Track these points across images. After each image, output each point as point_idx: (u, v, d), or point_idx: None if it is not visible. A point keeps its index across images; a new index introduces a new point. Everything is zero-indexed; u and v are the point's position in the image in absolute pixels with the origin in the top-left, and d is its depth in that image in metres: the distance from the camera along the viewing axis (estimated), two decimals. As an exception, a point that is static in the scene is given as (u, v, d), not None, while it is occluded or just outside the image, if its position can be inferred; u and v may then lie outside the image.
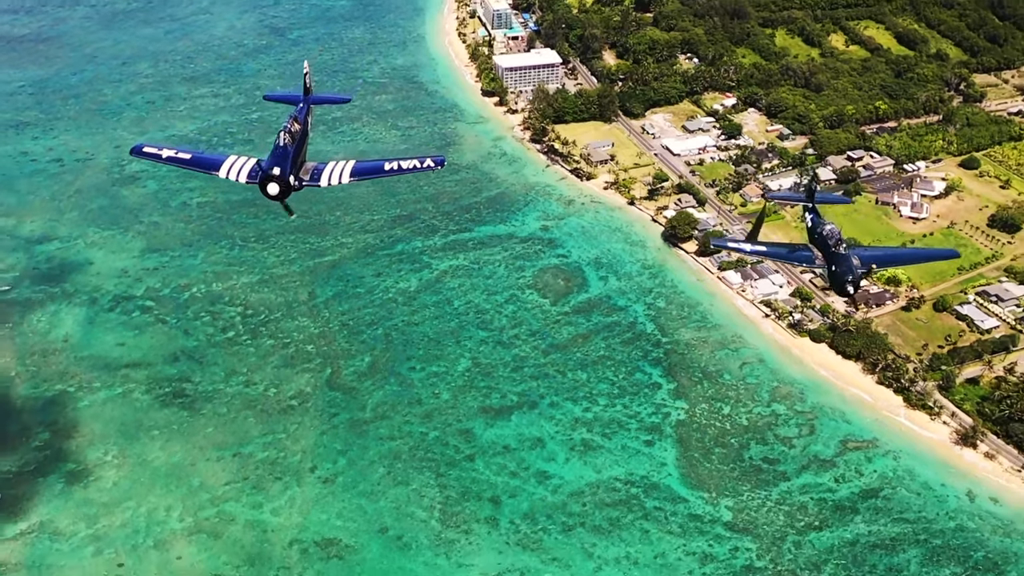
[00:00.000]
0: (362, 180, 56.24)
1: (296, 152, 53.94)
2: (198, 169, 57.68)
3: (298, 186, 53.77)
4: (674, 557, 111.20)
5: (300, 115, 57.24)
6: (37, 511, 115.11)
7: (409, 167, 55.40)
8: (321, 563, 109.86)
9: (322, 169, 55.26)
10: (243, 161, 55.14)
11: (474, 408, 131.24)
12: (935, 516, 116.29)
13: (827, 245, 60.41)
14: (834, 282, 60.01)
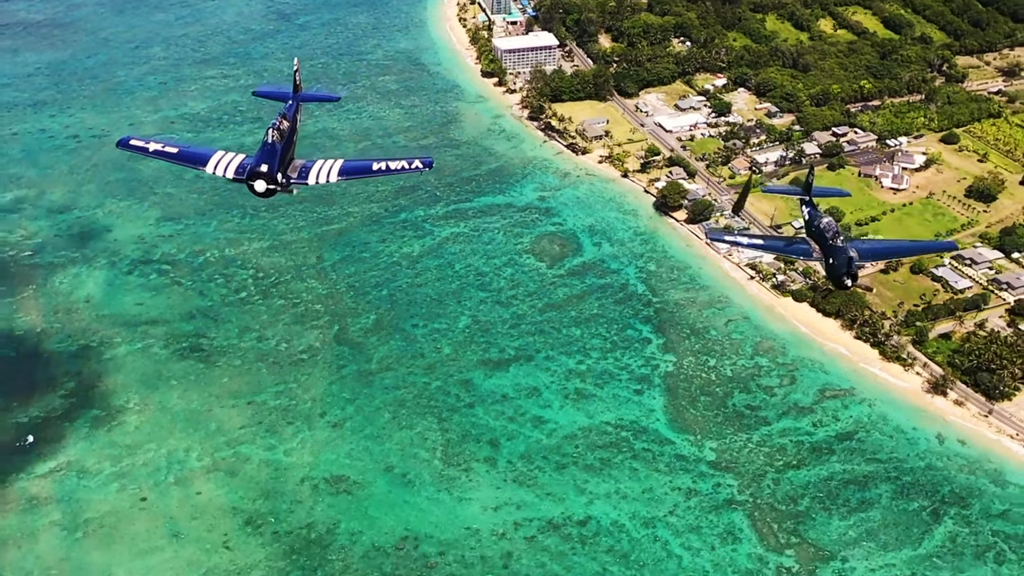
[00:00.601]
0: (350, 179, 56.64)
1: (284, 150, 54.24)
2: (185, 164, 57.89)
3: (285, 184, 54.25)
4: (661, 492, 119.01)
5: (289, 112, 57.30)
6: (65, 452, 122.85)
7: (397, 167, 55.56)
8: (331, 497, 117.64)
9: (310, 167, 55.69)
10: (230, 157, 55.33)
11: (474, 361, 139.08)
12: (906, 456, 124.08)
13: (824, 238, 61.10)
14: (831, 274, 60.64)
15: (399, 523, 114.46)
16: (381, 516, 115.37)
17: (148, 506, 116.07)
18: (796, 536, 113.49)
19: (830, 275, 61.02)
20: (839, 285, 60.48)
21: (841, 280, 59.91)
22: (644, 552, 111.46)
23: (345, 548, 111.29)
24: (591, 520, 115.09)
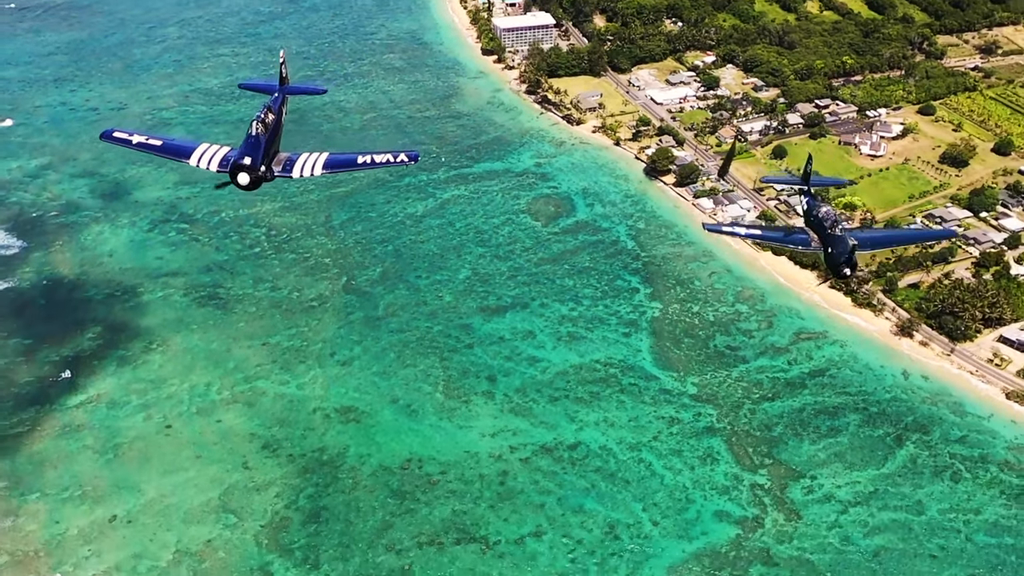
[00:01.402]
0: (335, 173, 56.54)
1: (269, 142, 54.04)
2: (168, 156, 57.38)
3: (270, 177, 53.83)
4: (645, 420, 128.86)
5: (275, 105, 57.04)
6: (95, 386, 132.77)
7: (382, 160, 55.50)
8: (341, 425, 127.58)
9: (295, 160, 55.46)
10: (215, 149, 55.01)
11: (473, 308, 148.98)
12: (873, 390, 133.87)
13: (823, 227, 60.51)
14: (830, 264, 59.75)
15: (404, 447, 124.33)
16: (387, 441, 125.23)
17: (173, 432, 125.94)
18: (769, 458, 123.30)
19: (829, 264, 59.86)
20: (838, 274, 59.63)
21: (840, 269, 59.05)
22: (629, 472, 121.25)
23: (355, 468, 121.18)
24: (581, 445, 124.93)
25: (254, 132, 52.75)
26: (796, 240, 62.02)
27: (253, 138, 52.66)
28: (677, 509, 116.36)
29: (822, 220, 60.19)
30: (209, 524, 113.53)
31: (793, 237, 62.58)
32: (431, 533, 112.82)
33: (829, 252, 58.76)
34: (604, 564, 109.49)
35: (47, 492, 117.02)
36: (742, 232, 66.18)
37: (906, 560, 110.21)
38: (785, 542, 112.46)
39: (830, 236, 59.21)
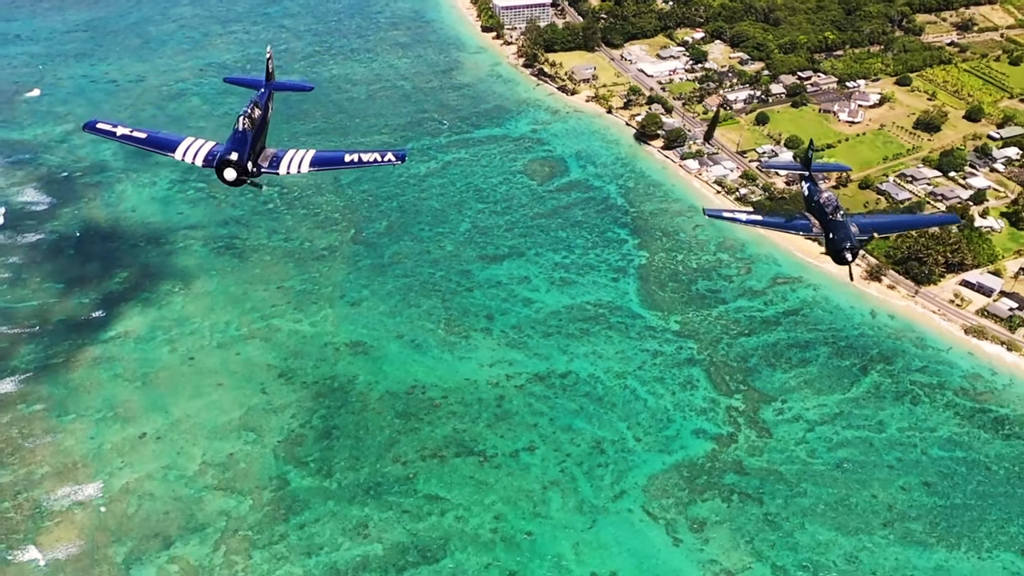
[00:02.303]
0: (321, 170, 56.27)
1: (255, 138, 53.68)
2: (153, 149, 57.20)
3: (256, 172, 53.86)
4: (631, 353, 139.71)
5: (261, 100, 56.80)
6: (124, 324, 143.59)
7: (369, 160, 55.33)
8: (351, 357, 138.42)
9: (281, 157, 55.77)
10: (200, 144, 54.99)
11: (473, 256, 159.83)
12: (842, 327, 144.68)
13: (824, 213, 61.08)
14: (832, 250, 60.42)
15: (409, 375, 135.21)
16: (393, 371, 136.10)
17: (196, 363, 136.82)
18: (744, 385, 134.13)
19: (831, 250, 60.18)
20: (840, 260, 59.60)
21: (842, 254, 59.36)
22: (616, 396, 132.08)
23: (363, 393, 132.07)
24: (571, 373, 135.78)
25: (240, 127, 52.60)
26: (797, 226, 62.56)
27: (240, 133, 52.46)
28: (658, 427, 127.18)
29: (823, 206, 60.94)
30: (231, 440, 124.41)
31: (794, 223, 62.95)
32: (433, 448, 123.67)
33: (831, 237, 59.60)
34: (591, 474, 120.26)
35: (83, 414, 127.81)
36: (743, 218, 66.46)
37: (866, 470, 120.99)
38: (756, 455, 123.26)
39: (831, 222, 60.16)
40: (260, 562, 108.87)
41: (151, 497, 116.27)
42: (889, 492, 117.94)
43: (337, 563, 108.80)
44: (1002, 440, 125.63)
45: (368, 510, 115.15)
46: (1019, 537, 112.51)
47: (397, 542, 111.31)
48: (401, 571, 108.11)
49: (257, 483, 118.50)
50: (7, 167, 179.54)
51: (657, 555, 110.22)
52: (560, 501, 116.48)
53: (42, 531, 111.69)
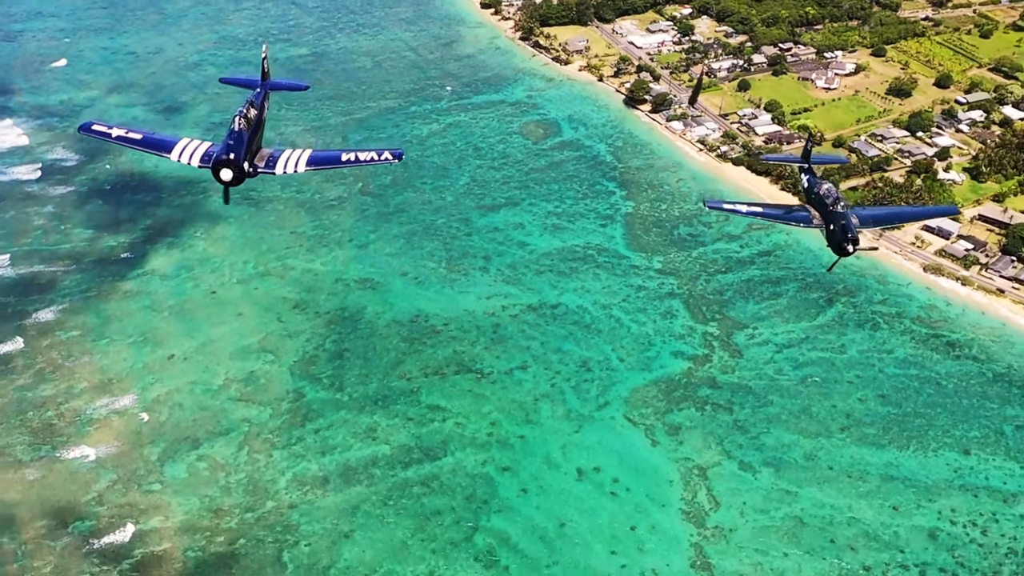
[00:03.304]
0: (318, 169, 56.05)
1: (251, 138, 53.29)
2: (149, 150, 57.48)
3: (252, 173, 53.32)
4: (616, 287, 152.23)
5: (257, 100, 56.68)
6: (150, 264, 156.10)
7: (366, 159, 55.24)
8: (359, 291, 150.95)
9: (278, 156, 55.26)
10: (196, 144, 54.91)
11: (472, 206, 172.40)
12: (811, 266, 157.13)
13: (824, 204, 60.91)
14: (832, 241, 59.90)
15: (412, 306, 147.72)
16: (398, 303, 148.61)
17: (216, 297, 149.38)
18: (719, 314, 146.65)
19: (831, 242, 59.64)
20: (840, 251, 58.87)
21: (842, 246, 58.67)
22: (602, 324, 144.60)
23: (371, 321, 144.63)
24: (561, 305, 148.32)
25: (236, 127, 52.39)
26: (797, 218, 62.73)
27: (236, 133, 52.16)
28: (640, 350, 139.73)
29: (823, 197, 60.89)
30: (251, 360, 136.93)
31: (794, 215, 63.28)
32: (435, 366, 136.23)
33: (831, 229, 59.39)
34: (578, 388, 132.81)
35: (116, 339, 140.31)
36: (743, 210, 66.72)
37: (828, 385, 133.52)
38: (728, 373, 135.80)
39: (831, 213, 59.98)
40: (280, 460, 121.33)
41: (180, 407, 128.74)
42: (847, 403, 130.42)
43: (349, 460, 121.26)
44: (952, 360, 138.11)
45: (376, 418, 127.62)
46: (962, 439, 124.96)
47: (403, 444, 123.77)
48: (406, 467, 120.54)
49: (276, 396, 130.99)
50: (38, 128, 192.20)
51: (636, 454, 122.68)
52: (550, 410, 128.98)
53: (84, 435, 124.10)
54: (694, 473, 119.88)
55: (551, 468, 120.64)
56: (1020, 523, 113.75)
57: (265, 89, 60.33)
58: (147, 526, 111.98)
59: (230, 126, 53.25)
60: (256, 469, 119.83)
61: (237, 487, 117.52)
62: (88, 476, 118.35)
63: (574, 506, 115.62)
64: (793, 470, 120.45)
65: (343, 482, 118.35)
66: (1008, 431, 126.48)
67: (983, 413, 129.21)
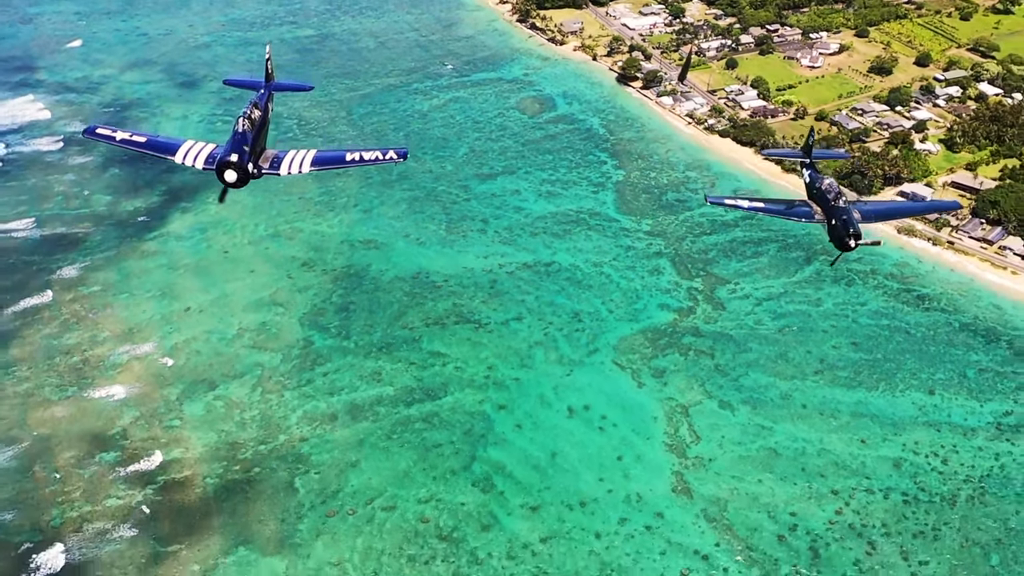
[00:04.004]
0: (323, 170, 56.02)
1: (255, 139, 53.45)
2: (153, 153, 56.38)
3: (257, 174, 53.25)
4: (607, 247, 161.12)
5: (260, 101, 57.00)
6: (166, 226, 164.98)
7: (371, 158, 54.82)
8: (364, 251, 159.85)
9: (282, 158, 55.33)
10: (200, 146, 54.73)
11: (470, 174, 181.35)
12: (791, 228, 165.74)
13: (826, 200, 60.81)
14: (834, 236, 59.80)
15: (414, 264, 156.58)
16: (401, 261, 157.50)
17: (229, 256, 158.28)
18: (704, 271, 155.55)
19: (832, 237, 59.60)
20: (842, 246, 58.93)
21: (844, 241, 58.72)
22: (592, 280, 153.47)
23: (375, 277, 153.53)
24: (554, 263, 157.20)
25: (240, 129, 52.67)
26: (799, 213, 62.53)
27: (239, 135, 52.45)
28: (628, 303, 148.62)
29: (824, 192, 60.95)
30: (263, 312, 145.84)
31: (796, 210, 63.01)
32: (436, 317, 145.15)
33: (832, 224, 59.44)
34: (570, 336, 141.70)
35: (135, 293, 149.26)
36: (745, 205, 65.76)
37: (804, 333, 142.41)
38: (711, 323, 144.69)
39: (833, 208, 60.03)
40: (291, 399, 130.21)
41: (197, 353, 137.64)
42: (822, 349, 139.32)
43: (355, 400, 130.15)
44: (922, 312, 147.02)
45: (381, 362, 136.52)
46: (928, 381, 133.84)
47: (406, 385, 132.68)
48: (409, 405, 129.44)
49: (286, 343, 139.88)
50: (57, 103, 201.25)
51: (623, 394, 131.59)
52: (543, 356, 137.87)
53: (108, 378, 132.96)
54: (677, 411, 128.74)
55: (544, 406, 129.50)
56: (978, 454, 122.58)
57: (269, 90, 60.27)
58: (169, 456, 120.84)
59: (234, 127, 53.11)
60: (269, 407, 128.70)
61: (251, 423, 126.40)
62: (113, 413, 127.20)
63: (565, 439, 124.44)
64: (769, 408, 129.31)
65: (350, 419, 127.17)
66: (971, 374, 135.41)
67: (948, 358, 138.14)
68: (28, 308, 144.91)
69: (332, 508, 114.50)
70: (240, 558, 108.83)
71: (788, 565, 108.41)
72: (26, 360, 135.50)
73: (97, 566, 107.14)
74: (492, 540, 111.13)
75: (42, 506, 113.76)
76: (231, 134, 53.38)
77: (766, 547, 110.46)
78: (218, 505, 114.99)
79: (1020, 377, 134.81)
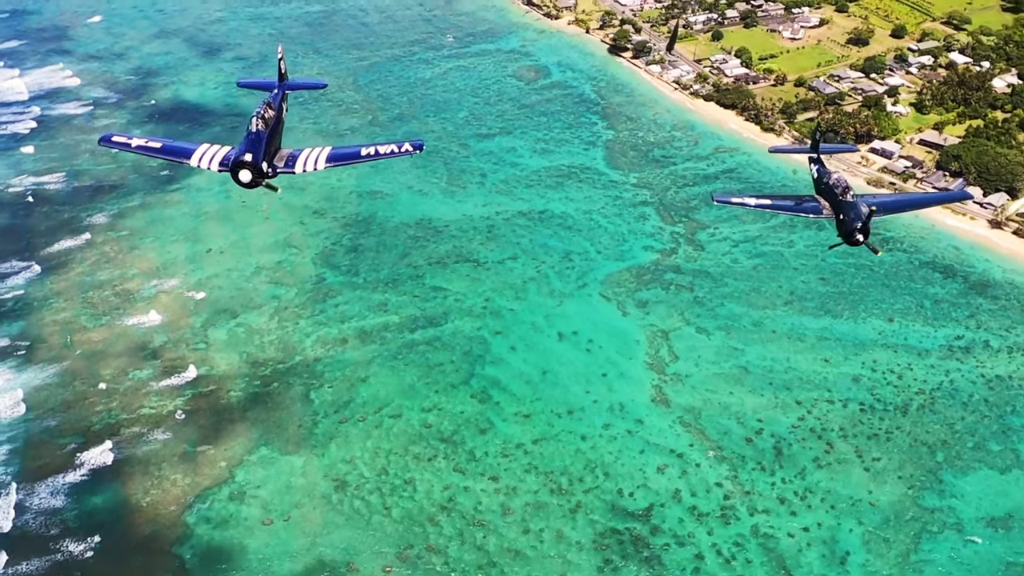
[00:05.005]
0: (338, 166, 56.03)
1: (269, 138, 53.29)
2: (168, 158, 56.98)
3: (272, 173, 53.10)
4: (596, 197, 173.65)
5: (274, 101, 57.02)
6: (186, 180, 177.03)
7: (387, 152, 54.56)
8: (370, 200, 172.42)
9: (297, 156, 55.16)
10: (215, 149, 54.80)
11: (470, 134, 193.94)
12: (768, 180, 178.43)
13: (834, 194, 60.47)
14: (843, 230, 59.30)
15: (418, 211, 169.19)
16: (405, 209, 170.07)
17: (247, 205, 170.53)
18: (686, 217, 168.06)
19: (841, 231, 59.21)
20: (851, 241, 58.59)
21: (853, 235, 58.26)
22: (582, 225, 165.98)
23: (382, 223, 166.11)
24: (547, 211, 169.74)
25: (254, 129, 52.71)
26: (807, 208, 62.14)
27: (253, 134, 52.52)
28: (615, 244, 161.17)
29: (832, 187, 60.75)
30: (278, 253, 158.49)
31: (804, 206, 62.68)
32: (438, 257, 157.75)
33: (841, 219, 59.07)
34: (561, 273, 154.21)
35: (159, 237, 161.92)
36: (752, 203, 65.35)
37: (775, 270, 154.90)
38: (691, 262, 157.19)
39: (841, 203, 59.63)
40: (305, 326, 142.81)
41: (219, 288, 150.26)
42: (792, 284, 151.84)
43: (364, 326, 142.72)
44: (886, 252, 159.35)
45: (387, 295, 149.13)
46: (888, 310, 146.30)
47: (410, 314, 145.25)
48: (413, 331, 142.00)
49: (300, 280, 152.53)
50: (84, 71, 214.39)
51: (609, 321, 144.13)
52: (536, 289, 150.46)
53: (138, 309, 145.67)
54: (657, 335, 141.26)
55: (536, 332, 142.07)
56: (930, 371, 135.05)
57: (283, 90, 60.68)
58: (197, 373, 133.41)
59: (247, 127, 53.30)
60: (286, 333, 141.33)
61: (270, 346, 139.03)
62: (145, 337, 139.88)
63: (555, 359, 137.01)
64: (742, 333, 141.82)
65: (360, 342, 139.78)
66: (928, 304, 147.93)
67: (908, 291, 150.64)
68: (63, 250, 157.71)
69: (344, 416, 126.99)
70: (262, 456, 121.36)
71: (754, 462, 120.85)
72: (63, 293, 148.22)
73: (135, 462, 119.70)
74: (488, 441, 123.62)
75: (84, 414, 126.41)
76: (245, 134, 53.64)
77: (735, 447, 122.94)
78: (242, 414, 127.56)
79: (972, 307, 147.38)
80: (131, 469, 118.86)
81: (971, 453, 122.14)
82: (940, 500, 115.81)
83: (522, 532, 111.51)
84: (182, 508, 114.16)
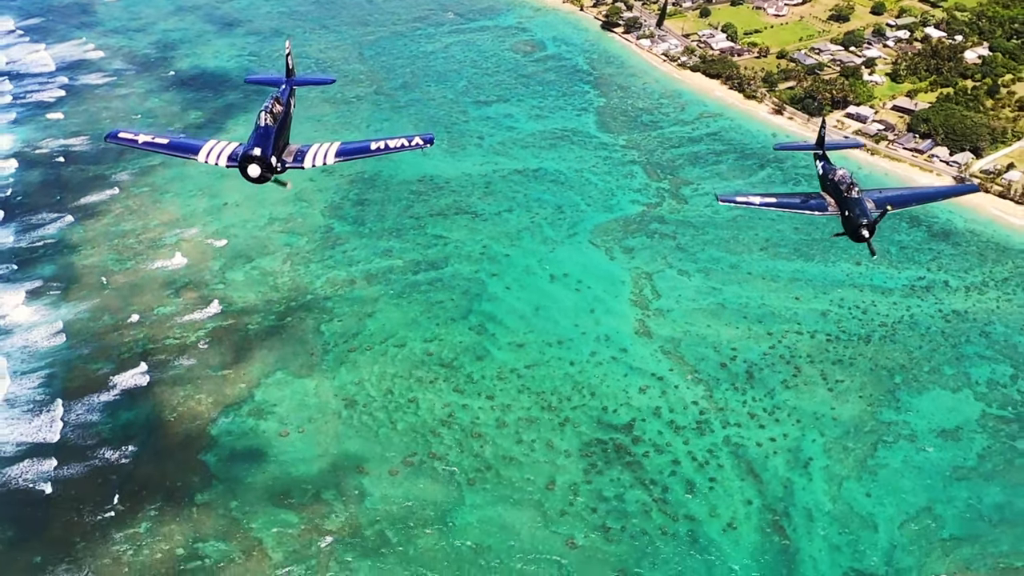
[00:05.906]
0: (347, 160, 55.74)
1: (278, 133, 53.40)
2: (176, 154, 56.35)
3: (281, 168, 53.10)
4: (587, 157, 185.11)
5: (283, 96, 57.21)
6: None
7: (396, 145, 54.70)
8: (375, 160, 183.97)
9: (306, 151, 55.06)
10: (223, 145, 54.74)
11: (469, 101, 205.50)
12: (749, 142, 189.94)
13: (839, 191, 60.08)
14: (848, 227, 59.17)
15: (420, 170, 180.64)
16: (408, 168, 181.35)
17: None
18: (671, 175, 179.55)
19: (847, 227, 59.18)
20: (857, 237, 58.57)
21: (859, 231, 58.24)
22: (574, 182, 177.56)
23: (386, 181, 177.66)
24: (541, 169, 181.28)
25: (263, 123, 52.70)
26: (812, 206, 61.86)
27: (262, 129, 52.52)
28: (604, 198, 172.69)
29: (837, 184, 60.42)
30: (289, 207, 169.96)
31: (809, 203, 62.37)
32: (438, 209, 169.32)
33: (846, 215, 58.89)
34: (553, 223, 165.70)
35: (178, 193, 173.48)
36: (757, 201, 64.90)
37: (753, 221, 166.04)
38: (675, 214, 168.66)
39: (847, 199, 59.38)
40: (315, 269, 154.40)
41: (234, 236, 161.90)
42: (768, 232, 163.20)
43: (370, 269, 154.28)
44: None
45: (391, 243, 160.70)
46: (856, 255, 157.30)
47: (412, 259, 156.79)
48: (416, 273, 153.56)
49: (310, 229, 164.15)
50: (103, 45, 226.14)
51: (597, 265, 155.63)
52: (530, 237, 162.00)
53: (159, 254, 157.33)
54: (642, 277, 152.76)
55: (529, 274, 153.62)
56: (893, 307, 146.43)
57: (290, 85, 61.14)
58: (216, 308, 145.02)
59: (256, 122, 53.34)
60: (297, 275, 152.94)
61: (283, 286, 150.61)
62: (166, 279, 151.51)
63: (546, 297, 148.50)
64: (719, 274, 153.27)
65: (366, 283, 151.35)
66: (894, 250, 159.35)
67: (876, 239, 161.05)
68: (91, 203, 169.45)
69: (353, 345, 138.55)
70: (278, 379, 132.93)
71: (727, 383, 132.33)
72: (90, 241, 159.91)
73: (163, 384, 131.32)
74: (485, 367, 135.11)
75: (116, 343, 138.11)
76: (253, 128, 53.89)
77: (710, 371, 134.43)
78: (259, 343, 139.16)
79: (934, 252, 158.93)
80: (160, 389, 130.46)
81: (927, 376, 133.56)
82: (896, 415, 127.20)
83: (515, 442, 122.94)
84: (206, 422, 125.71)
